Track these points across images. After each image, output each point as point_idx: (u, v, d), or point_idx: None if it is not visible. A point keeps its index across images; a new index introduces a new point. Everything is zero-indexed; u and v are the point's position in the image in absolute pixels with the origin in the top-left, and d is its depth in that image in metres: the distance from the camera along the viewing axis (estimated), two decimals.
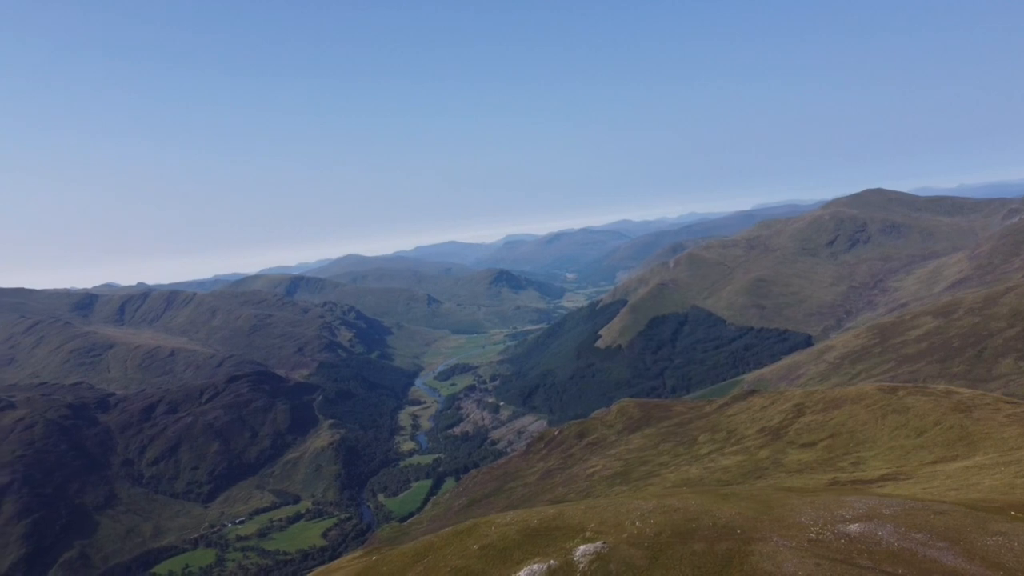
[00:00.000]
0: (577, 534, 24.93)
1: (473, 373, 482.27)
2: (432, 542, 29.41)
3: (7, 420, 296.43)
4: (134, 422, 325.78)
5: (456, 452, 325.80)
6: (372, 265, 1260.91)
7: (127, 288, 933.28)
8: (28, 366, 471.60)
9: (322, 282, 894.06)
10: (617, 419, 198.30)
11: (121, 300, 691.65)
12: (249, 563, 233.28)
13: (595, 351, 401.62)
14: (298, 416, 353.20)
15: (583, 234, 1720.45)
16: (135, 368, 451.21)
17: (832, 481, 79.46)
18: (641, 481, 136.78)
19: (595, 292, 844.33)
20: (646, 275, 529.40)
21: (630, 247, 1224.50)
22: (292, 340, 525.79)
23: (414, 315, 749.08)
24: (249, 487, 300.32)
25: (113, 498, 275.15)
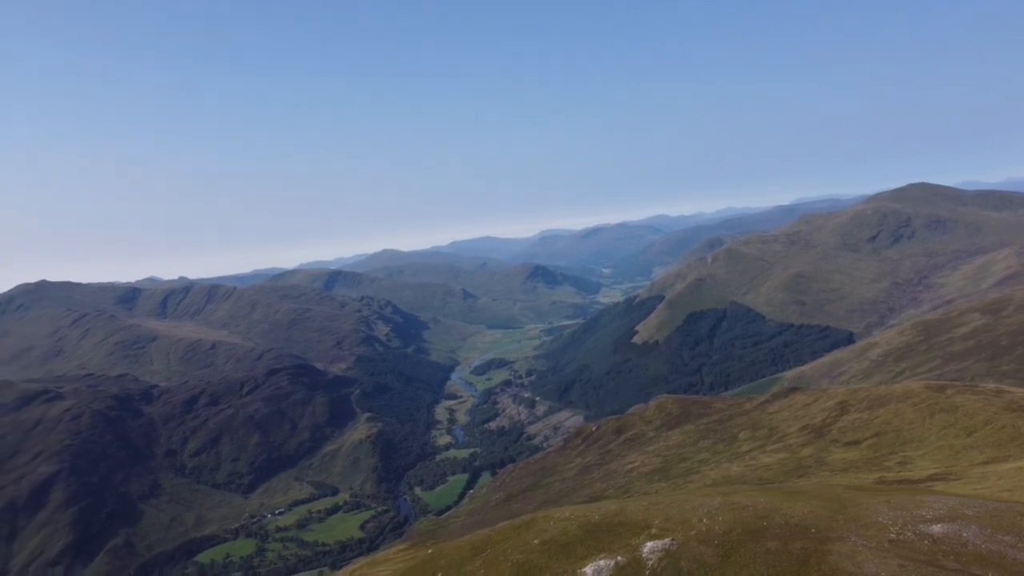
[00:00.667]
0: (642, 530, 24.31)
1: (509, 368, 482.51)
2: (489, 536, 29.02)
3: (55, 411, 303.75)
4: (177, 414, 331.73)
5: (492, 447, 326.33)
6: (408, 260, 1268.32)
7: (169, 282, 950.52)
8: (75, 358, 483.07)
9: (359, 277, 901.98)
10: (655, 415, 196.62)
11: (164, 294, 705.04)
12: (289, 554, 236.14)
13: (632, 347, 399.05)
14: (336, 409, 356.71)
15: (619, 229, 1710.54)
16: (177, 360, 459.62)
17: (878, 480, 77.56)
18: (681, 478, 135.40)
19: (631, 287, 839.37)
20: (683, 270, 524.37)
21: (666, 242, 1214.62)
22: (330, 334, 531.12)
23: (450, 310, 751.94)
24: (288, 479, 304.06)
25: (157, 488, 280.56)
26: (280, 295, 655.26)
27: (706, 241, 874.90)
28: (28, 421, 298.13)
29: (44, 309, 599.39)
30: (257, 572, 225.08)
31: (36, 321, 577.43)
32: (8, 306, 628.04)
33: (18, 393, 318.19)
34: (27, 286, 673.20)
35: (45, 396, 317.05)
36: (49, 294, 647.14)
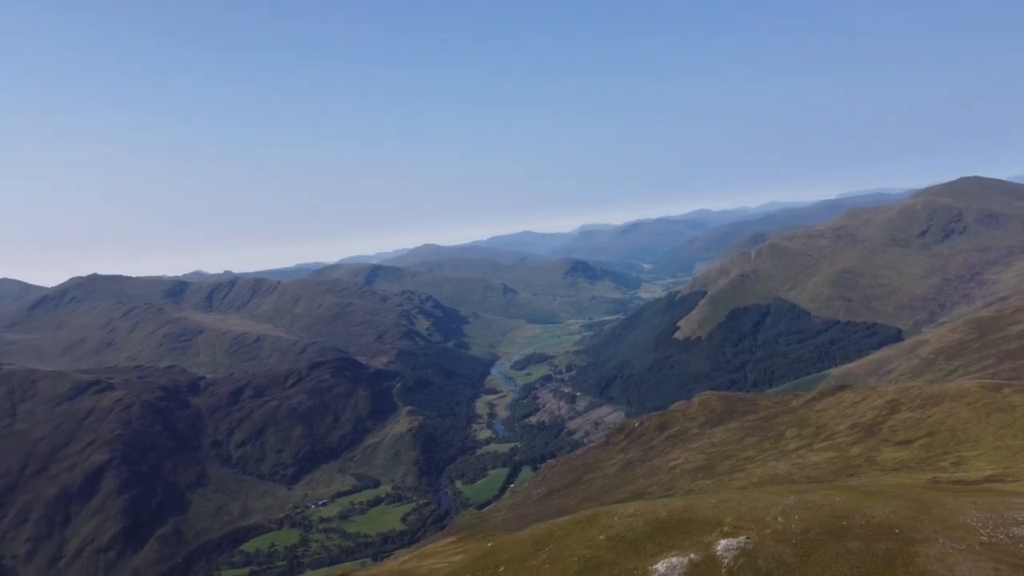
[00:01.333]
0: (713, 528, 23.65)
1: (549, 363, 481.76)
2: (551, 531, 28.59)
3: (107, 401, 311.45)
4: (223, 405, 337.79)
5: (532, 441, 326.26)
6: (448, 255, 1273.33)
7: (214, 276, 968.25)
8: (125, 349, 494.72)
9: (400, 271, 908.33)
10: (699, 412, 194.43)
11: (210, 287, 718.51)
12: (332, 544, 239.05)
13: (673, 343, 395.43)
14: (378, 402, 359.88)
15: (660, 224, 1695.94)
16: (223, 353, 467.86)
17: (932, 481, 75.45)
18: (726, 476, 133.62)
19: (672, 283, 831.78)
20: (726, 265, 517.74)
21: (709, 237, 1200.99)
22: (372, 328, 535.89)
23: (490, 304, 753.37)
24: (331, 470, 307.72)
25: (204, 478, 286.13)
26: (323, 289, 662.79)
27: (749, 236, 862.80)
28: (81, 411, 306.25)
29: (96, 302, 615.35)
30: (301, 562, 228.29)
31: (88, 314, 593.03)
32: (62, 299, 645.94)
33: (71, 384, 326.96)
34: (80, 279, 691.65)
35: (97, 387, 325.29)
36: (101, 287, 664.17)
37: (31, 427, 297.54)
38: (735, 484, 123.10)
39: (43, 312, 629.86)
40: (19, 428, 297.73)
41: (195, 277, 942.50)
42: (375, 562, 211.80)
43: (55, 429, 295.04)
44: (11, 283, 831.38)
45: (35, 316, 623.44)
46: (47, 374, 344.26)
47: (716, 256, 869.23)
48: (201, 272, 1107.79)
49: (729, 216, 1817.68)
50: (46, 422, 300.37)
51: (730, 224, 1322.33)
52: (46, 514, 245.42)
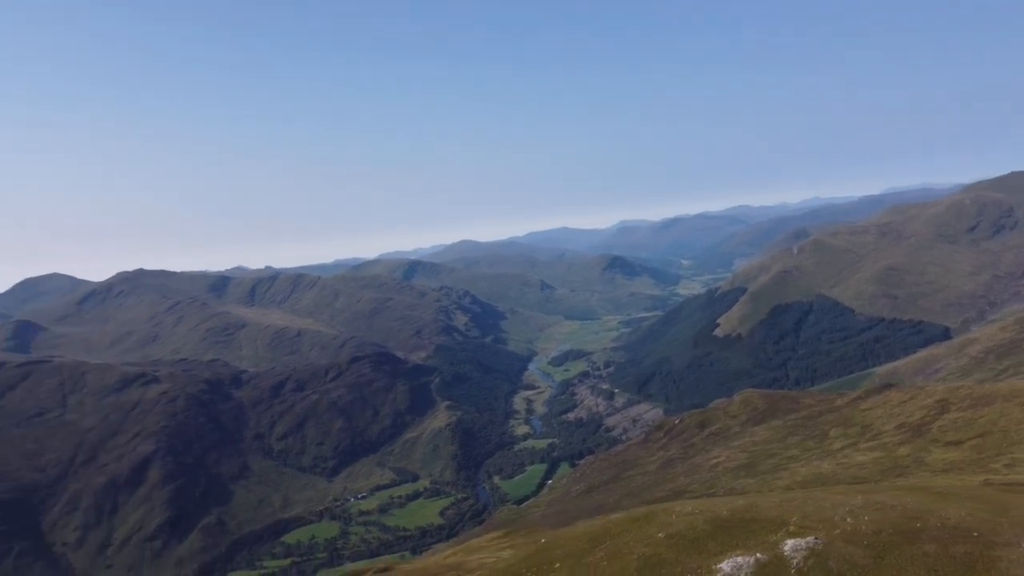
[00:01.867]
0: (778, 528, 22.99)
1: (587, 359, 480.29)
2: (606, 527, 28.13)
3: (152, 393, 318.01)
4: (264, 398, 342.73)
5: (570, 437, 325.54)
6: (485, 250, 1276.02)
7: (256, 271, 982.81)
8: (170, 343, 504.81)
9: (438, 267, 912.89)
10: (740, 410, 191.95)
11: (252, 282, 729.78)
12: (371, 537, 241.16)
13: (713, 340, 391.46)
14: (417, 397, 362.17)
15: (699, 220, 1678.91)
16: (264, 347, 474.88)
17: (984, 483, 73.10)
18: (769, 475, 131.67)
19: (712, 279, 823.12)
20: (767, 262, 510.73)
21: (749, 233, 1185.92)
22: (410, 323, 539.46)
23: (527, 300, 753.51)
24: (370, 464, 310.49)
25: (246, 469, 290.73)
26: (362, 284, 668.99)
27: (791, 232, 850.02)
28: (128, 402, 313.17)
29: (141, 296, 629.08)
30: (341, 554, 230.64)
31: (134, 308, 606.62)
32: (109, 293, 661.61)
33: (119, 376, 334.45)
34: (126, 274, 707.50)
35: (143, 379, 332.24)
36: (146, 282, 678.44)
37: (80, 418, 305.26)
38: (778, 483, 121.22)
39: (91, 306, 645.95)
40: (69, 419, 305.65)
41: (237, 272, 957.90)
42: (414, 555, 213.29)
43: (103, 420, 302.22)
44: (61, 278, 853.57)
45: (84, 310, 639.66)
46: (95, 366, 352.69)
47: (756, 252, 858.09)
48: (243, 267, 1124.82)
49: (770, 212, 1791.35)
50: (95, 413, 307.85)
51: (771, 220, 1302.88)
52: (95, 503, 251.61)
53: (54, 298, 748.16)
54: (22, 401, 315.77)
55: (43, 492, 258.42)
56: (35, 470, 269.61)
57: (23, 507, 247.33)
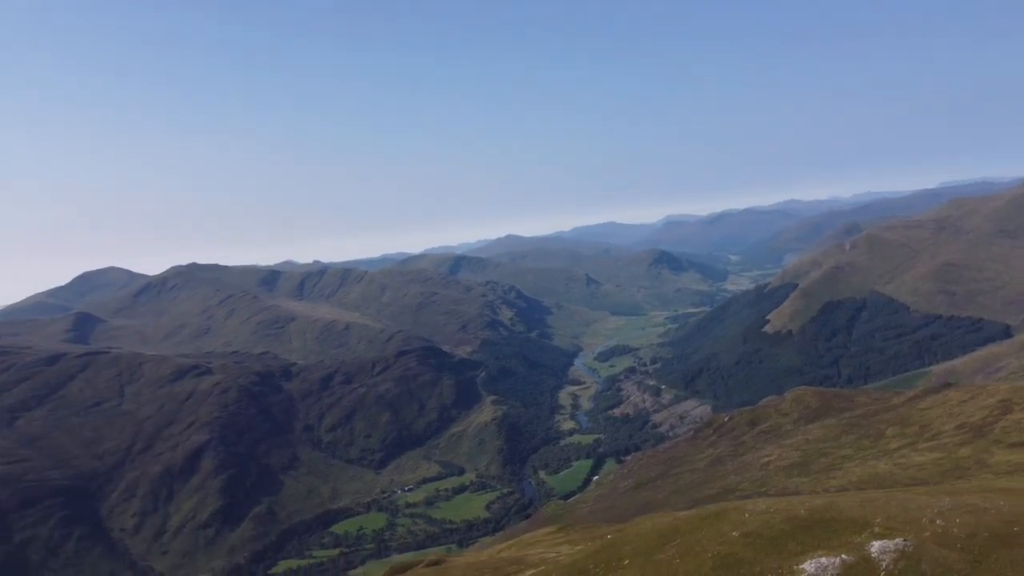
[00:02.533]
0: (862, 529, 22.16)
1: (633, 355, 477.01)
2: (676, 525, 27.54)
3: (206, 384, 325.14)
4: (314, 391, 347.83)
5: (616, 433, 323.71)
6: (531, 245, 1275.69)
7: (305, 265, 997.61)
8: (222, 336, 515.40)
9: (483, 261, 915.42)
10: (792, 408, 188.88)
11: (301, 276, 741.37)
12: (418, 529, 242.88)
13: (763, 336, 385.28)
14: (462, 391, 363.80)
15: (747, 214, 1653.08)
16: (313, 340, 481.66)
17: None
18: (822, 474, 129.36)
19: (760, 275, 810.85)
20: (819, 257, 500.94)
21: (799, 228, 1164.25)
22: (456, 317, 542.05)
23: (573, 295, 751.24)
24: (417, 457, 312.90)
25: (296, 460, 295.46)
26: (408, 279, 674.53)
27: (842, 227, 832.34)
28: (182, 393, 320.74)
29: (194, 290, 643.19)
30: (388, 545, 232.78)
31: (188, 301, 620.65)
32: (163, 287, 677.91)
33: (173, 367, 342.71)
34: (180, 268, 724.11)
35: (196, 371, 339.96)
36: (198, 276, 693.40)
37: (137, 407, 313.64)
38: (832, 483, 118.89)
39: (146, 299, 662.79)
40: (126, 408, 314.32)
41: (286, 266, 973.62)
42: (460, 548, 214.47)
43: (159, 410, 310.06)
44: (118, 271, 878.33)
45: (139, 303, 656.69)
46: (151, 358, 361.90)
47: (807, 247, 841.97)
48: (292, 262, 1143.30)
49: (821, 206, 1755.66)
50: (150, 403, 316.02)
51: (822, 214, 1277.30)
52: (151, 490, 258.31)
53: (111, 291, 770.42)
54: (81, 391, 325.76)
55: (101, 479, 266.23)
56: (94, 458, 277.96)
57: (83, 493, 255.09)
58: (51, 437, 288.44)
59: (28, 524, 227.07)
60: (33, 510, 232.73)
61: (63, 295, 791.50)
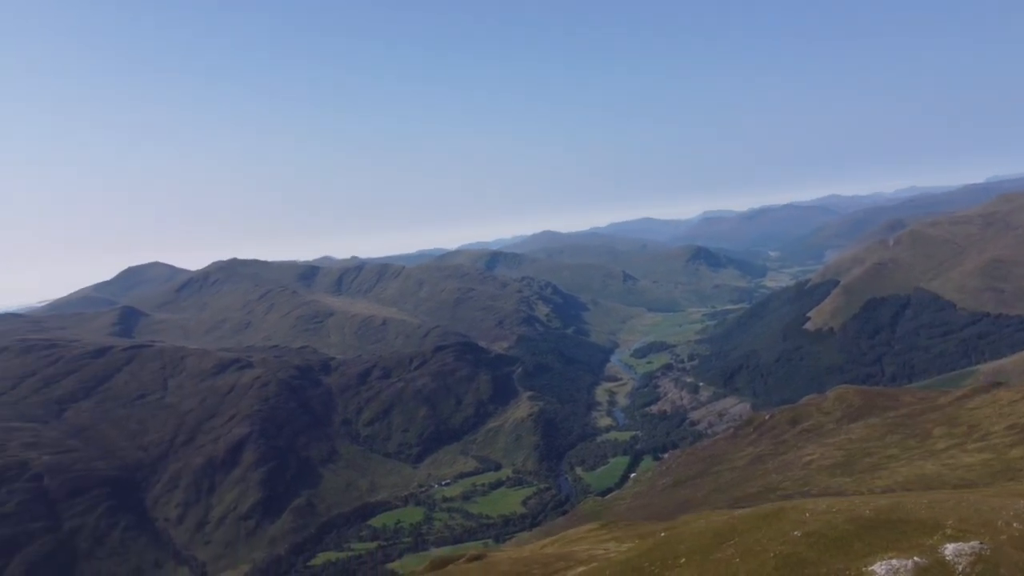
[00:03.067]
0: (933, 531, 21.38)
1: (670, 352, 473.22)
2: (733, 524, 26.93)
3: (246, 378, 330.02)
4: (352, 385, 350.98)
5: (654, 430, 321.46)
6: (567, 241, 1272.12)
7: (342, 261, 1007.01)
8: (262, 330, 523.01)
9: (519, 257, 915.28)
10: (835, 406, 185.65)
11: (339, 272, 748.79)
12: (455, 524, 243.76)
13: (803, 333, 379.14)
14: (499, 387, 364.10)
15: (787, 210, 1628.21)
16: (351, 335, 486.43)
17: None
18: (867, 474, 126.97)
19: (801, 271, 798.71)
20: (861, 254, 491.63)
21: (840, 224, 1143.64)
22: (492, 313, 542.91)
23: (609, 291, 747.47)
24: (454, 452, 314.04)
25: (334, 454, 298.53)
26: (445, 274, 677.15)
27: (885, 223, 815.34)
28: (224, 386, 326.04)
29: (235, 285, 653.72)
30: (426, 539, 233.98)
31: (229, 296, 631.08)
32: (205, 281, 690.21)
33: (215, 361, 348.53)
34: (221, 263, 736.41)
35: (237, 364, 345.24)
36: (239, 271, 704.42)
37: (180, 400, 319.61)
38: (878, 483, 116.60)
39: (188, 294, 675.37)
40: (169, 401, 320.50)
41: (324, 262, 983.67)
42: (497, 543, 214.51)
43: (201, 403, 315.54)
44: (161, 266, 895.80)
45: (181, 297, 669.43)
46: (193, 351, 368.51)
47: (849, 244, 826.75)
48: (330, 257, 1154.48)
49: (862, 201, 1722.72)
50: (193, 396, 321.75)
51: (864, 210, 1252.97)
52: (194, 482, 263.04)
53: (155, 286, 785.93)
54: (127, 383, 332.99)
55: (146, 470, 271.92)
56: (139, 449, 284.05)
57: (128, 484, 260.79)
58: (98, 428, 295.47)
59: (76, 513, 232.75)
60: (81, 499, 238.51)
61: (109, 289, 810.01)
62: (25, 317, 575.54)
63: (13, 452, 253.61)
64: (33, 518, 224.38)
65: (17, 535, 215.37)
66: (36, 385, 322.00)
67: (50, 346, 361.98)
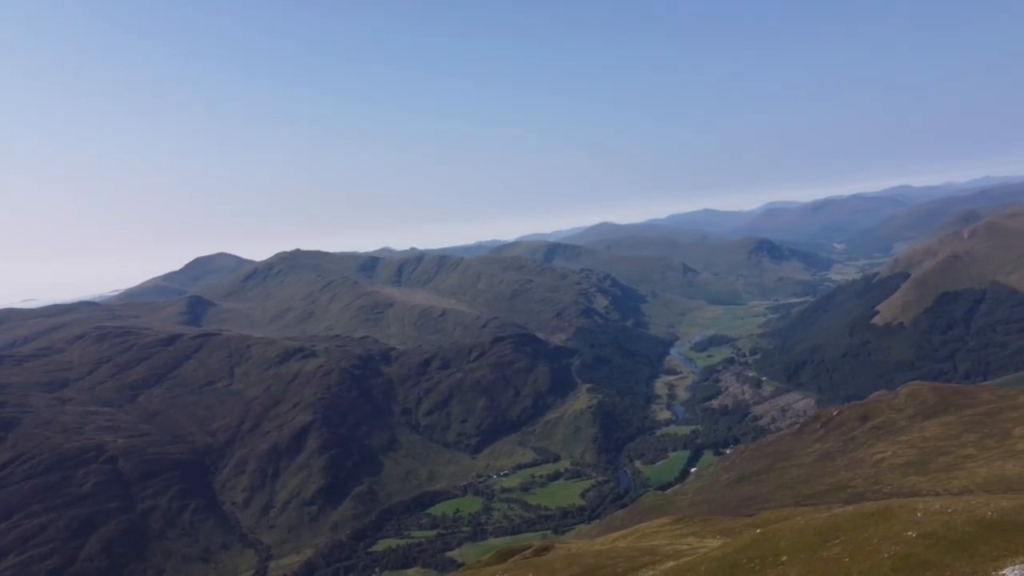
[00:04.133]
0: None
1: (731, 345, 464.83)
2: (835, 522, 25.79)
3: (310, 367, 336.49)
4: (412, 375, 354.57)
5: (715, 425, 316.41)
6: (625, 233, 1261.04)
7: (401, 252, 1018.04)
8: (324, 320, 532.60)
9: (578, 249, 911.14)
10: (907, 403, 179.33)
11: (399, 263, 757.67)
12: (513, 514, 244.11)
13: (871, 328, 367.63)
14: (557, 378, 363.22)
15: (854, 201, 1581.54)
16: (411, 325, 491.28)
17: None
18: (942, 473, 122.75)
19: (867, 264, 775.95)
20: (934, 246, 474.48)
21: (909, 215, 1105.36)
22: (550, 305, 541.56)
23: (668, 284, 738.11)
24: (512, 443, 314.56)
25: (395, 442, 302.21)
26: (503, 266, 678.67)
27: (958, 214, 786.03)
28: (288, 375, 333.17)
29: (299, 275, 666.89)
30: (484, 529, 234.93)
31: (293, 286, 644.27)
32: (269, 272, 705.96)
33: (280, 350, 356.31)
34: (284, 254, 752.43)
35: (301, 353, 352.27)
36: (302, 262, 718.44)
37: (246, 387, 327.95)
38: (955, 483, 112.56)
39: (253, 284, 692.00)
40: (236, 388, 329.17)
41: (384, 253, 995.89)
42: (556, 535, 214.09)
43: (266, 391, 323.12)
44: (227, 257, 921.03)
45: (247, 287, 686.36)
46: (259, 340, 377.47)
47: (919, 236, 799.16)
48: (389, 248, 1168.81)
49: (933, 192, 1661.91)
50: (259, 384, 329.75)
51: (935, 201, 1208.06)
52: (259, 467, 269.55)
53: (221, 276, 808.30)
54: (195, 371, 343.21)
55: (214, 455, 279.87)
56: (207, 434, 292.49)
57: (198, 468, 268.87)
58: (168, 414, 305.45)
59: (149, 494, 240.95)
60: (154, 482, 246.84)
61: (177, 279, 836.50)
62: (100, 306, 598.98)
63: (90, 435, 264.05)
64: (109, 499, 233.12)
65: (94, 514, 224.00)
66: (111, 371, 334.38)
67: (124, 334, 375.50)
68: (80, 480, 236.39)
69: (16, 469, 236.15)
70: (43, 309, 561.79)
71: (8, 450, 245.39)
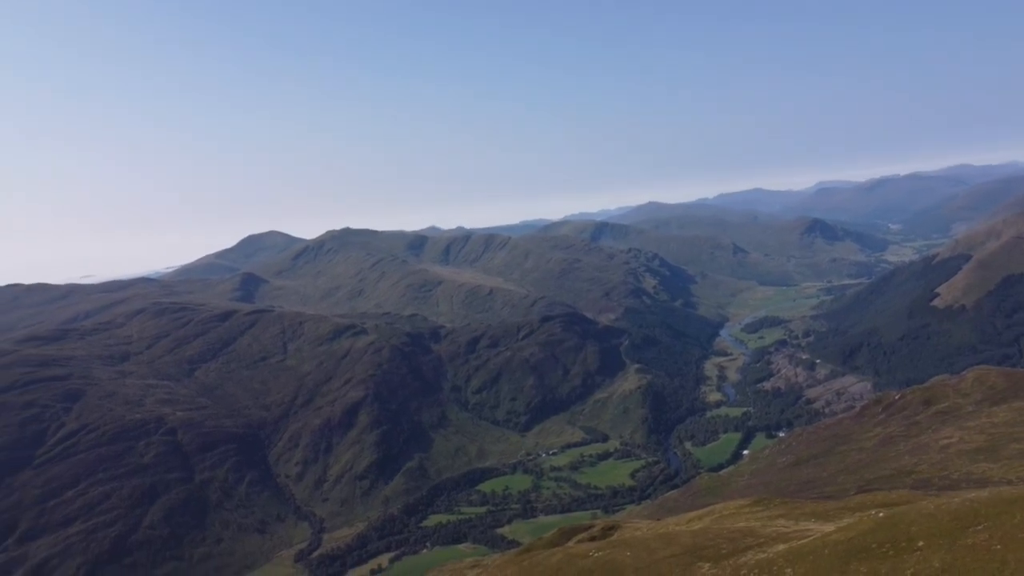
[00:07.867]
0: None
1: (783, 327, 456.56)
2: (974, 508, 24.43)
3: (361, 343, 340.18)
4: (461, 353, 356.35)
5: (767, 408, 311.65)
6: (673, 212, 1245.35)
7: (449, 231, 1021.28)
8: (374, 297, 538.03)
9: (625, 228, 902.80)
10: (973, 388, 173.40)
11: (446, 242, 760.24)
12: (562, 493, 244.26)
13: (931, 310, 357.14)
14: (606, 358, 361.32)
15: (911, 180, 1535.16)
16: (459, 304, 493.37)
17: None
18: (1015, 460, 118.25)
19: (925, 245, 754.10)
20: (997, 227, 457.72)
21: (970, 195, 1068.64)
22: (598, 285, 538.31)
23: (718, 264, 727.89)
24: (561, 422, 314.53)
25: (444, 419, 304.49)
26: (550, 245, 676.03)
27: (1023, 194, 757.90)
28: (339, 351, 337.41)
29: (349, 253, 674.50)
30: (534, 507, 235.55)
31: (342, 264, 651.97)
32: (320, 250, 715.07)
33: (332, 327, 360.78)
34: (334, 232, 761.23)
35: (352, 330, 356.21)
36: (352, 240, 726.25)
37: (299, 363, 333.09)
38: None
39: (304, 261, 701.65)
40: (289, 363, 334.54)
41: (432, 232, 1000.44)
42: (606, 514, 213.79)
43: (318, 366, 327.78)
44: (278, 235, 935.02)
45: (298, 265, 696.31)
46: (311, 317, 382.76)
47: (980, 216, 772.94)
48: (436, 227, 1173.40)
49: (996, 171, 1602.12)
50: (311, 359, 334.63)
51: (997, 180, 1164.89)
52: (312, 441, 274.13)
53: (273, 253, 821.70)
54: (249, 346, 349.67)
55: (269, 428, 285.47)
56: (262, 408, 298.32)
57: (253, 441, 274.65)
58: (224, 388, 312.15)
59: (207, 466, 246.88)
60: (211, 454, 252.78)
61: (230, 256, 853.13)
62: (157, 282, 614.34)
63: (151, 408, 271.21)
64: (168, 469, 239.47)
65: (155, 484, 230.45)
66: (169, 345, 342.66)
67: (180, 309, 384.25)
68: (142, 451, 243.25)
69: (83, 438, 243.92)
70: (103, 284, 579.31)
71: (74, 420, 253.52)
